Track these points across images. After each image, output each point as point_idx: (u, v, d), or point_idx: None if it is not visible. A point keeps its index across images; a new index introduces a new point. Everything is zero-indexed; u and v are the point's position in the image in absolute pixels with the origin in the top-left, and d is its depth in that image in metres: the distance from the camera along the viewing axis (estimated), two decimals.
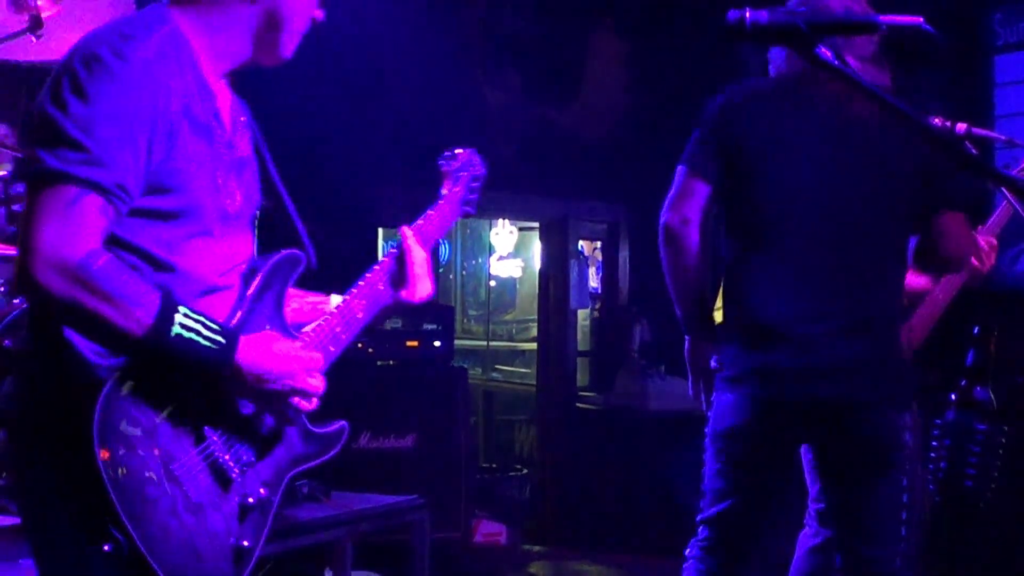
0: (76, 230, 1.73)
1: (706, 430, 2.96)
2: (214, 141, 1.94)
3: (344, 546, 3.87)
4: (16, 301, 3.72)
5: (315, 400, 1.98)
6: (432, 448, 4.91)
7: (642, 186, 4.50)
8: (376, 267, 2.21)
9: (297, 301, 2.19)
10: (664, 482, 5.48)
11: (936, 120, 3.29)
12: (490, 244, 9.03)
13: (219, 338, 1.81)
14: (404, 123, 5.80)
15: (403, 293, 2.21)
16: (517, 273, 9.06)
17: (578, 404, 6.72)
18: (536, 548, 5.94)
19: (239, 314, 1.97)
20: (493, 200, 7.89)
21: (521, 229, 8.75)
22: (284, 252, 2.07)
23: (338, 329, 2.12)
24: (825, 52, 1.59)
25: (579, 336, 7.04)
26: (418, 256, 2.21)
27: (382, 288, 2.20)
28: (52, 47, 3.75)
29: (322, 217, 3.02)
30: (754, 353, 2.85)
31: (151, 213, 1.85)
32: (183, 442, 1.86)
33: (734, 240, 2.96)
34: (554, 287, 6.86)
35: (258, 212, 2.14)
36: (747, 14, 1.60)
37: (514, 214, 8.22)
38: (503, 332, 9.19)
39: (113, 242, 1.82)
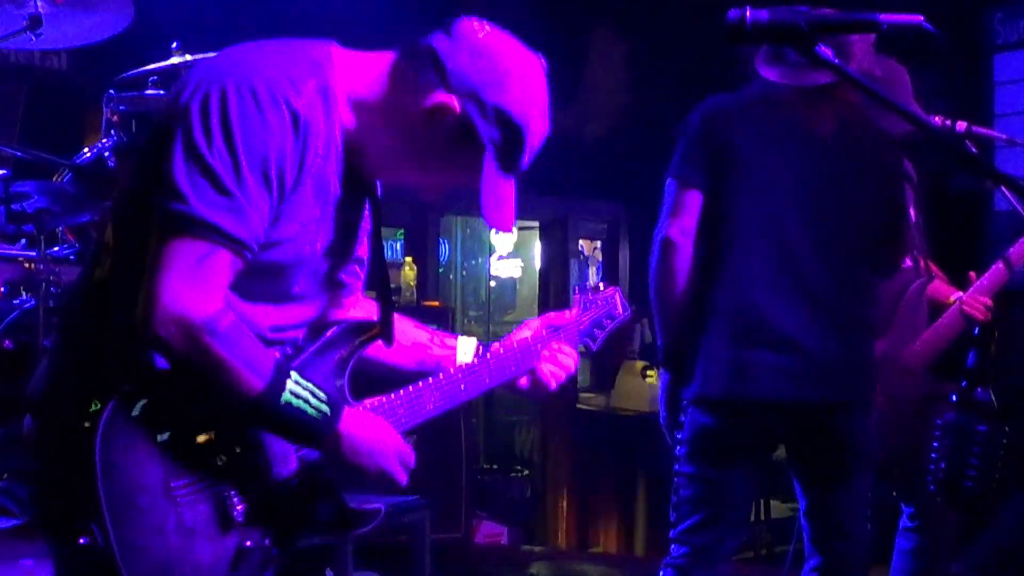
0: (205, 287, 1.69)
1: (679, 444, 2.97)
2: (328, 202, 1.88)
3: (344, 546, 3.86)
4: (16, 302, 3.71)
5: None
6: (432, 448, 4.89)
7: (642, 186, 4.49)
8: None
9: (412, 336, 2.27)
10: (664, 482, 5.47)
11: (936, 119, 3.29)
12: (490, 244, 9.02)
13: (325, 407, 1.82)
14: None
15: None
16: (517, 273, 9.05)
17: (578, 404, 6.72)
18: (536, 548, 5.94)
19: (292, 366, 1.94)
20: None
21: (521, 229, 8.74)
22: (360, 320, 2.07)
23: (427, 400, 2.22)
24: (825, 51, 1.58)
25: None
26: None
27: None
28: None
29: None
30: (735, 352, 2.85)
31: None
32: (191, 466, 1.81)
33: (710, 245, 2.94)
34: (554, 287, 6.86)
35: (348, 275, 2.10)
36: (747, 13, 1.60)
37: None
38: (503, 334, 9.12)
39: None
